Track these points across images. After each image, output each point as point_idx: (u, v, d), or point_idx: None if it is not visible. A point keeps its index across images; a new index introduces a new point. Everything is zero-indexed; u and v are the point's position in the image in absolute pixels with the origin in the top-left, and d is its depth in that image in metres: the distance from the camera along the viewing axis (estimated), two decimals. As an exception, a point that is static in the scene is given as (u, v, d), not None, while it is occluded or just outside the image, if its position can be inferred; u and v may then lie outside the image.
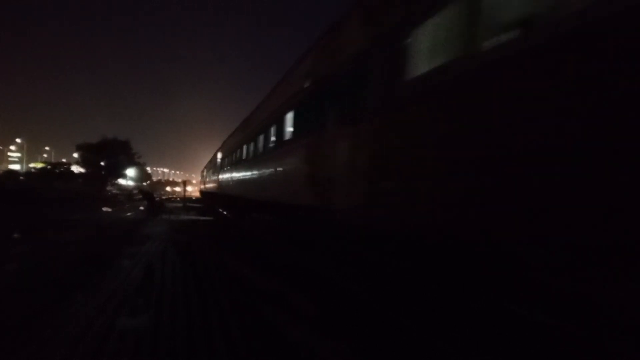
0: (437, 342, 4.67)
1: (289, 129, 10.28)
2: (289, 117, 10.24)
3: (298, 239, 10.79)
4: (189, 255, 10.65)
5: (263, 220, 14.97)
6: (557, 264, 3.49)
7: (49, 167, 70.00)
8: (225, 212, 23.31)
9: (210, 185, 32.08)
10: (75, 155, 75.39)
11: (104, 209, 32.26)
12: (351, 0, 7.38)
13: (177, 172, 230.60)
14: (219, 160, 25.89)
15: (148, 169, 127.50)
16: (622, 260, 3.03)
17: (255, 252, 10.52)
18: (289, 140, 10.20)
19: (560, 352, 3.85)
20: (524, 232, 3.63)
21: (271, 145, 12.25)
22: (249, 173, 15.49)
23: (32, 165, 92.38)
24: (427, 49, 4.87)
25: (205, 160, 48.88)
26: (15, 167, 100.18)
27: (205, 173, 40.41)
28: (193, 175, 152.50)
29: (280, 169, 10.83)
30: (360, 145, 6.23)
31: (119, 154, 72.07)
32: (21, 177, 56.29)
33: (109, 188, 69.80)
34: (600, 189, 3.09)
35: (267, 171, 12.30)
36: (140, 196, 45.34)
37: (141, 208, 32.44)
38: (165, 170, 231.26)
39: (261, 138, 13.75)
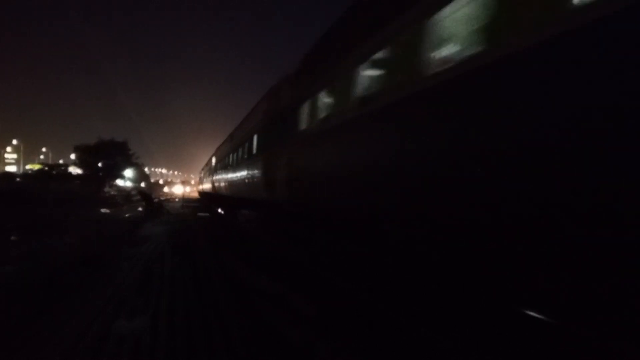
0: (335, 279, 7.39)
1: (255, 145, 14.55)
2: (255, 137, 14.64)
3: (260, 221, 15.22)
4: (184, 234, 14.85)
5: (242, 212, 19.33)
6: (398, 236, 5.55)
7: (46, 168, 69.86)
8: (217, 208, 27.75)
9: (206, 186, 36.09)
10: (73, 156, 75.23)
11: (102, 210, 32.22)
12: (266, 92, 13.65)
13: (176, 173, 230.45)
14: (212, 164, 29.66)
15: (146, 169, 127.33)
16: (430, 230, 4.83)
17: (233, 233, 15.65)
18: (254, 154, 14.49)
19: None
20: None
21: (245, 156, 16.55)
22: (232, 176, 19.41)
23: (29, 166, 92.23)
24: (306, 116, 8.81)
25: (203, 161, 50.19)
26: (12, 168, 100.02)
27: (202, 175, 45.76)
28: (192, 175, 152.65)
29: (250, 174, 15.15)
30: (284, 161, 10.24)
31: (117, 155, 71.84)
32: (18, 179, 56.18)
33: (106, 189, 69.73)
34: (412, 190, 4.93)
35: (243, 175, 16.54)
36: (139, 197, 45.29)
37: (140, 209, 32.42)
38: (164, 170, 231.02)
39: (240, 150, 17.88)
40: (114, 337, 5.34)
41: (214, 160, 28.42)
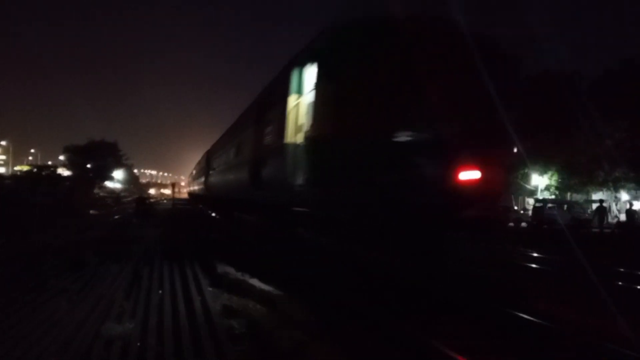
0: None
1: (221, 157, 21.68)
2: (208, 165, 26.89)
3: (232, 213, 22.81)
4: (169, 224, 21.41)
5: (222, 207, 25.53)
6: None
7: (35, 170, 69.40)
8: (201, 205, 34.55)
9: (195, 188, 40.29)
10: (62, 157, 74.85)
11: (92, 211, 32.13)
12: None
13: (166, 174, 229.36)
14: (201, 168, 32.99)
15: (135, 171, 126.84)
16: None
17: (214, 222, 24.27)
18: (217, 167, 22.88)
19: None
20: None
21: (203, 173, 28.74)
22: (214, 180, 24.12)
23: (17, 168, 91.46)
24: (216, 161, 23.33)
25: (193, 162, 51.46)
26: (1, 170, 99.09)
27: (191, 178, 50.08)
28: (182, 177, 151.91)
29: (207, 181, 26.77)
30: (212, 177, 24.47)
31: (107, 156, 71.60)
32: (7, 181, 55.66)
33: (96, 191, 69.37)
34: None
35: (204, 181, 25.66)
36: (131, 199, 45.07)
37: (129, 211, 32.37)
38: (154, 172, 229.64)
39: (215, 159, 24.19)
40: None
41: (201, 164, 33.45)
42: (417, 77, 6.74)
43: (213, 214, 26.34)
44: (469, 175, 6.91)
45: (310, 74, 8.10)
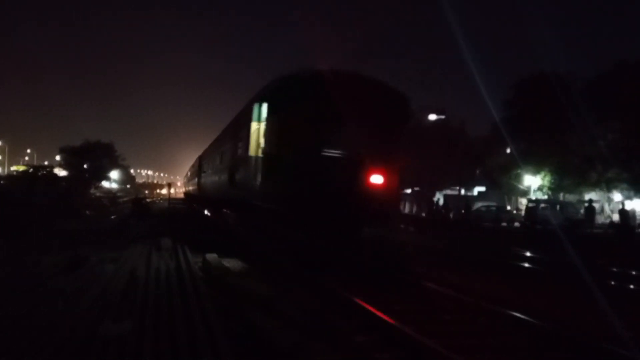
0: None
1: (209, 162, 24.74)
2: (199, 167, 29.99)
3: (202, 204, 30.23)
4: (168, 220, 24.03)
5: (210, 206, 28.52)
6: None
7: (31, 170, 69.34)
8: (195, 204, 36.17)
9: (190, 188, 43.68)
10: (58, 158, 74.91)
11: (87, 212, 32.25)
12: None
13: (162, 175, 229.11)
14: (194, 171, 36.08)
15: (132, 171, 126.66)
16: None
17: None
18: (207, 170, 25.66)
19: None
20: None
21: (196, 176, 32.18)
22: (204, 181, 26.94)
23: (13, 168, 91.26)
24: (206, 166, 26.28)
25: (189, 163, 52.43)
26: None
27: (186, 179, 54.09)
28: (178, 177, 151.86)
29: (199, 183, 30.14)
30: (202, 179, 28.13)
31: (103, 156, 71.68)
32: (2, 182, 55.64)
33: (92, 191, 69.37)
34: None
35: (209, 180, 24.34)
36: (128, 199, 45.13)
37: (126, 211, 32.50)
38: (150, 172, 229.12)
39: (205, 163, 26.98)
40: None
41: (195, 167, 36.18)
42: (332, 114, 10.45)
43: (205, 212, 28.92)
44: (376, 179, 10.84)
45: (264, 109, 11.35)
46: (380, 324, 6.28)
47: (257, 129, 11.54)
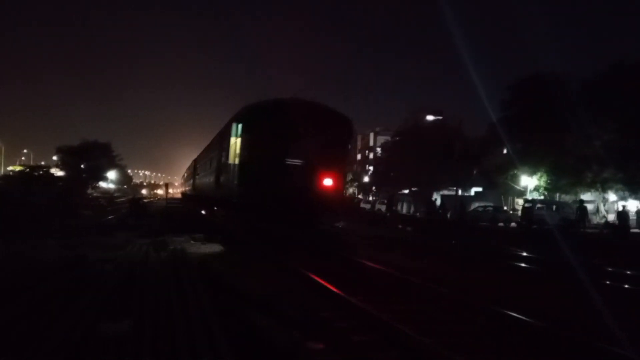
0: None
1: (202, 166, 27.22)
2: (194, 170, 33.49)
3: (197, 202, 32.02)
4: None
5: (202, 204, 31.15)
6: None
7: (27, 170, 69.22)
8: (191, 203, 38.48)
9: (186, 189, 47.15)
10: (55, 158, 74.69)
11: (85, 212, 32.25)
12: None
13: (159, 175, 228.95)
14: (190, 173, 39.34)
15: (129, 171, 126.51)
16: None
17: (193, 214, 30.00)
18: (200, 173, 28.27)
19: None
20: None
21: (192, 177, 34.85)
22: (198, 183, 30.05)
23: (10, 168, 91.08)
24: (199, 169, 29.25)
25: (186, 163, 53.43)
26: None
27: (183, 180, 58.13)
28: (175, 177, 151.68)
29: (194, 184, 33.24)
30: (196, 180, 31.44)
31: (100, 156, 71.53)
32: None
33: (90, 191, 69.29)
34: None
35: (201, 182, 27.03)
36: (125, 199, 45.12)
37: (123, 211, 32.54)
38: (147, 172, 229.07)
39: (199, 167, 29.63)
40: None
41: (191, 169, 39.31)
42: (291, 132, 13.78)
43: (201, 211, 31.11)
44: (327, 182, 14.18)
45: (240, 128, 14.65)
46: (322, 286, 8.81)
47: (235, 142, 14.80)
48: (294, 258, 11.89)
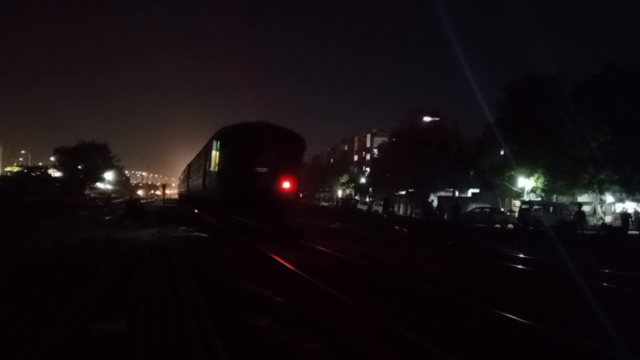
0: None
1: (193, 171, 31.42)
2: (187, 173, 37.99)
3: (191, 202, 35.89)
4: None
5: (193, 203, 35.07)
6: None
7: (25, 171, 69.17)
8: (186, 204, 41.77)
9: (182, 190, 51.25)
10: (53, 158, 74.64)
11: (82, 213, 32.17)
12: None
13: (156, 176, 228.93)
14: (185, 176, 43.21)
15: (126, 172, 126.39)
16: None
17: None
18: (192, 177, 31.94)
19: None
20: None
21: (191, 177, 33.40)
22: (190, 185, 33.72)
23: (8, 169, 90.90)
24: (192, 173, 33.07)
25: (183, 164, 54.51)
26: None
27: (179, 181, 61.61)
28: (172, 178, 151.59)
29: (187, 186, 37.71)
30: (188, 182, 35.83)
31: (97, 157, 71.47)
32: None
33: (87, 192, 69.22)
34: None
35: (193, 184, 30.47)
36: (122, 200, 45.00)
37: (120, 212, 32.42)
38: (144, 173, 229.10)
39: (191, 171, 33.33)
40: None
41: (181, 177, 46.39)
42: (257, 147, 17.44)
43: (194, 209, 34.30)
44: (286, 184, 17.83)
45: (218, 143, 18.88)
46: (279, 263, 11.30)
47: (215, 154, 19.06)
48: (254, 241, 15.36)
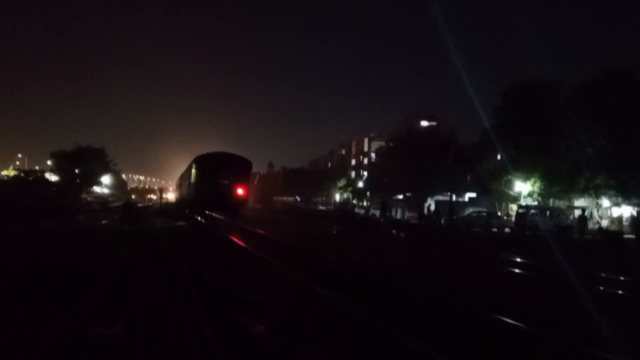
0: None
1: (182, 182, 38.62)
2: (184, 179, 38.27)
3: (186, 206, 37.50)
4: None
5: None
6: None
7: (22, 175, 68.96)
8: (180, 207, 47.07)
9: (177, 195, 56.24)
10: (49, 162, 74.45)
11: (79, 217, 32.16)
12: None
13: (154, 180, 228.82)
14: (179, 183, 48.87)
15: (123, 176, 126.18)
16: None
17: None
18: (182, 186, 39.56)
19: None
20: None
21: (181, 186, 40.67)
22: (182, 192, 38.54)
23: (4, 173, 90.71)
24: (182, 184, 39.92)
25: (180, 168, 57.04)
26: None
27: (175, 187, 66.48)
28: (170, 182, 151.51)
29: (183, 191, 39.27)
30: (181, 190, 40.83)
31: (94, 161, 71.27)
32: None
33: (84, 196, 69.04)
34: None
35: (184, 191, 36.14)
36: (119, 205, 44.90)
37: (116, 216, 32.36)
38: (142, 177, 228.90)
39: (182, 181, 38.70)
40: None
41: (177, 184, 52.34)
42: (220, 167, 26.33)
43: (184, 210, 40.23)
44: (239, 191, 26.52)
45: (194, 165, 27.90)
46: (237, 244, 14.96)
47: (194, 172, 27.69)
48: (219, 228, 22.86)
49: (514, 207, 40.38)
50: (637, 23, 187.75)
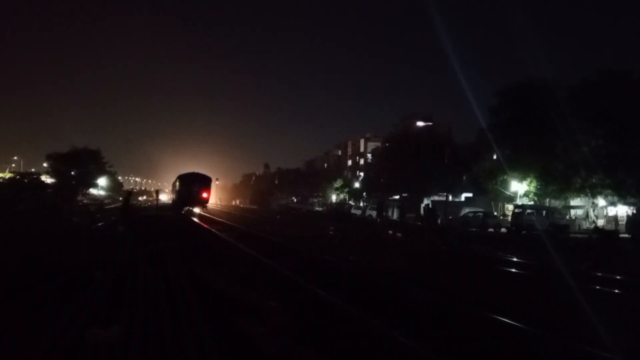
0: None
1: (173, 188, 60.02)
2: (175, 187, 57.27)
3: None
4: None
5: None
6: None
7: (17, 177, 68.76)
8: (175, 207, 56.33)
9: (172, 197, 64.11)
10: (45, 164, 74.21)
11: (75, 219, 32.03)
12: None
13: (150, 181, 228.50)
14: (173, 188, 60.47)
15: (120, 177, 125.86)
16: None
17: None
18: (174, 190, 58.71)
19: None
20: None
21: (173, 190, 60.07)
22: (173, 196, 59.17)
23: (0, 175, 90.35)
24: (173, 189, 59.98)
25: (177, 170, 71.73)
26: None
27: (170, 190, 76.42)
28: (166, 184, 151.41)
29: (174, 195, 60.40)
30: (174, 194, 59.56)
31: (90, 163, 71.08)
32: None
33: (80, 198, 68.90)
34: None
35: (175, 196, 56.45)
36: (114, 207, 44.86)
37: (113, 218, 32.33)
38: (138, 179, 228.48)
39: (173, 187, 59.19)
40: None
41: (172, 188, 63.74)
42: (192, 181, 46.53)
43: (176, 207, 51.22)
44: (204, 195, 46.31)
45: (177, 179, 50.34)
46: (212, 233, 24.32)
47: (178, 184, 48.69)
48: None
49: (510, 207, 40.47)
50: (636, 23, 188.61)
